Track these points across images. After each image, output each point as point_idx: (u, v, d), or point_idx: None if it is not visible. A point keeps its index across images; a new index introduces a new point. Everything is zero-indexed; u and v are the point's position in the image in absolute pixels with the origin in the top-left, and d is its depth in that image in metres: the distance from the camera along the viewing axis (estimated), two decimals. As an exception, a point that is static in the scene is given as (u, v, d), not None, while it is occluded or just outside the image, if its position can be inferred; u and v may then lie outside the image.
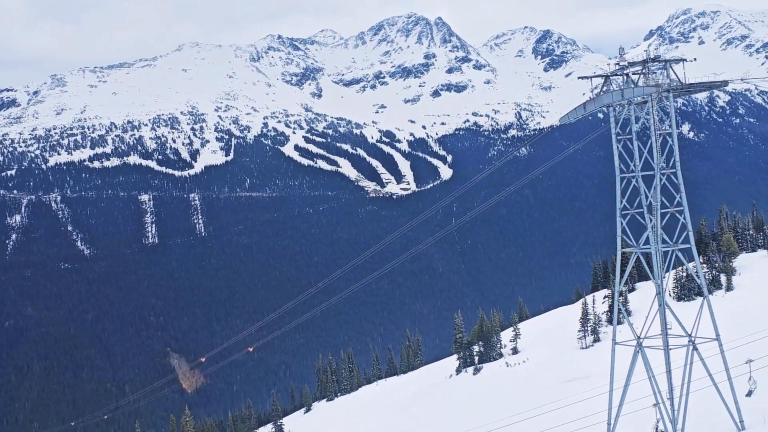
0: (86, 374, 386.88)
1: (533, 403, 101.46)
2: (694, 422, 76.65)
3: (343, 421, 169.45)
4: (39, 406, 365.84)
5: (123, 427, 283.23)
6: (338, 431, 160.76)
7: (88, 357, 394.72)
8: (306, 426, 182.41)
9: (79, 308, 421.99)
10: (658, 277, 76.89)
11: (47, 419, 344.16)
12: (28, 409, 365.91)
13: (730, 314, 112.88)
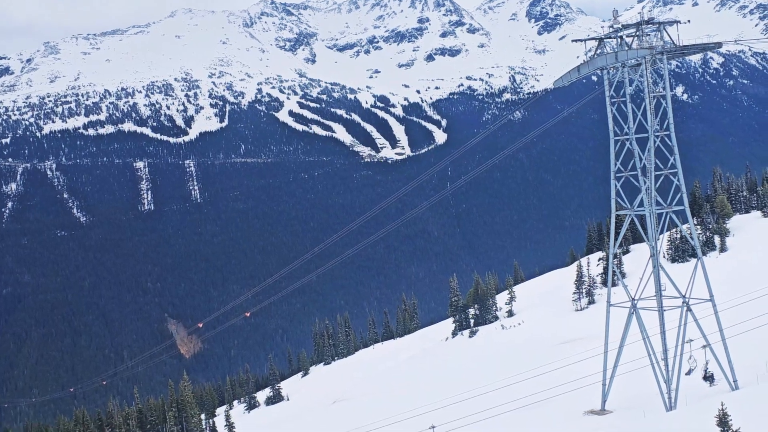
0: (84, 340, 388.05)
1: (528, 365, 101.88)
2: (689, 382, 77.05)
3: (340, 384, 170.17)
4: (38, 372, 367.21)
5: (122, 393, 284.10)
6: (335, 394, 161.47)
7: (85, 323, 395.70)
8: (304, 390, 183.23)
9: (76, 275, 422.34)
10: (653, 238, 77.01)
11: (46, 385, 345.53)
12: (27, 376, 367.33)
13: (724, 275, 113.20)
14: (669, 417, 73.25)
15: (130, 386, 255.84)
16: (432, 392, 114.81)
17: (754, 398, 66.65)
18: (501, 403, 77.48)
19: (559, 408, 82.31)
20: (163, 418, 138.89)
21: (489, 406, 75.38)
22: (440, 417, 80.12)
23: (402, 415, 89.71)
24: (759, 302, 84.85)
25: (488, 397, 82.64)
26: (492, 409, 73.46)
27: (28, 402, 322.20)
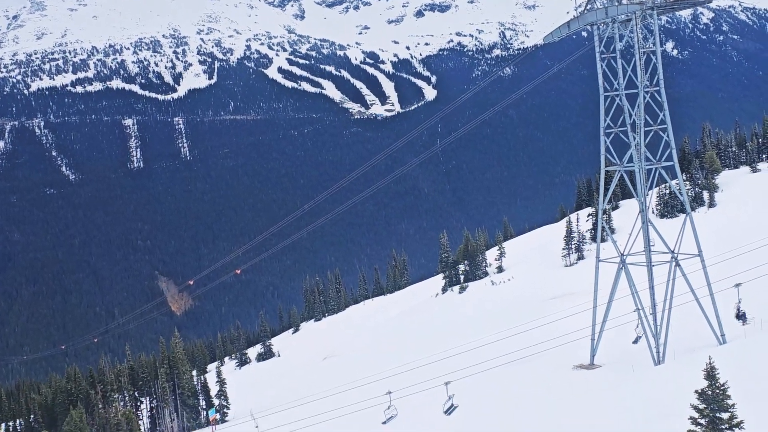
0: (75, 298, 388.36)
1: (518, 320, 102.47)
2: (676, 336, 77.59)
3: (331, 340, 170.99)
4: (29, 330, 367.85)
5: (113, 350, 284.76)
6: (326, 350, 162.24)
7: (76, 281, 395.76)
8: (295, 346, 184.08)
9: (66, 233, 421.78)
10: (642, 194, 77.15)
11: (37, 343, 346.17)
12: (18, 334, 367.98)
13: (713, 230, 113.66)
14: (657, 371, 73.88)
15: (122, 343, 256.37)
16: (422, 348, 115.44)
17: (742, 352, 67.27)
18: (491, 357, 78.04)
19: (549, 363, 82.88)
20: (154, 375, 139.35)
21: (479, 360, 75.91)
22: (430, 372, 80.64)
23: (392, 371, 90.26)
24: (747, 257, 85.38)
25: (478, 352, 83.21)
26: (481, 364, 73.98)
27: (19, 359, 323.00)
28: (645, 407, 61.73)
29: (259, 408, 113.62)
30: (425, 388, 76.52)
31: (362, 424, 70.80)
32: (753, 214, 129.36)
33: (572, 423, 65.92)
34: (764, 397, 51.88)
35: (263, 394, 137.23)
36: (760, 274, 78.10)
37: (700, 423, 25.20)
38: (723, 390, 25.11)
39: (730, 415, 25.05)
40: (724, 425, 25.04)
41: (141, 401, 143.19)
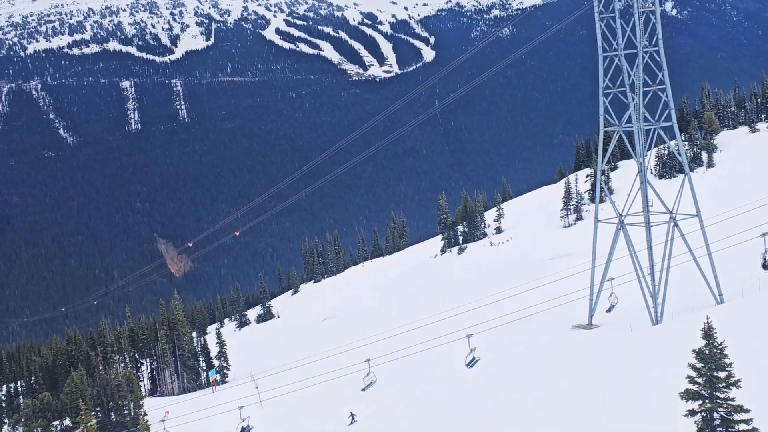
0: (74, 261, 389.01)
1: (517, 280, 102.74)
2: (675, 297, 77.80)
3: (330, 301, 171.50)
4: (28, 292, 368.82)
5: (113, 312, 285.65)
6: (325, 312, 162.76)
7: (75, 244, 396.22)
8: (294, 307, 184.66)
9: (65, 196, 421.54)
10: (640, 155, 77.04)
11: (37, 305, 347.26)
12: (18, 296, 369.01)
13: (711, 191, 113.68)
14: (655, 331, 74.14)
15: (122, 305, 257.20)
16: (421, 309, 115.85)
17: (739, 311, 67.45)
18: (489, 318, 78.32)
19: (547, 323, 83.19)
20: (154, 337, 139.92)
21: (478, 321, 76.15)
22: (429, 333, 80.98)
23: (391, 332, 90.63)
24: (745, 217, 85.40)
25: (477, 313, 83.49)
26: (480, 325, 74.24)
27: (19, 322, 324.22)
28: (643, 367, 61.99)
29: (259, 369, 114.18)
30: (424, 349, 76.88)
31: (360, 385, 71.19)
32: (752, 174, 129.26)
33: (571, 383, 66.24)
34: (762, 357, 52.12)
35: (263, 356, 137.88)
36: (759, 233, 78.12)
37: (697, 382, 25.30)
38: (720, 349, 25.21)
39: (727, 374, 25.15)
40: (721, 384, 25.15)
41: (141, 363, 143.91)
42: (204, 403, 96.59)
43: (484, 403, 69.39)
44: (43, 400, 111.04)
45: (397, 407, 77.08)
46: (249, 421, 65.55)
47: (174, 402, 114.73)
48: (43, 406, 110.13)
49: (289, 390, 66.31)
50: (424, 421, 69.03)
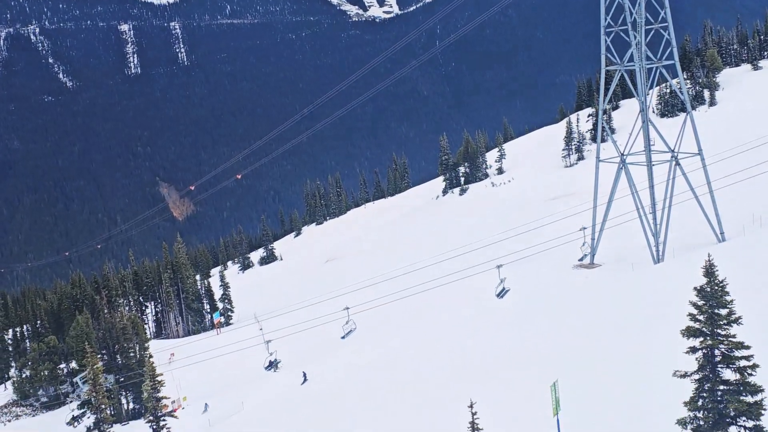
0: (77, 205, 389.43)
1: (519, 221, 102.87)
2: (676, 235, 77.95)
3: (333, 243, 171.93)
4: (32, 237, 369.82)
5: (116, 256, 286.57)
6: (328, 253, 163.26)
7: (77, 188, 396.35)
8: (297, 249, 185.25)
9: (66, 140, 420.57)
10: (642, 93, 76.68)
11: (41, 250, 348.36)
12: (21, 241, 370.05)
13: (713, 129, 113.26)
14: (656, 269, 74.36)
15: (125, 249, 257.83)
16: (423, 249, 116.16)
17: (740, 249, 67.59)
18: (491, 258, 78.46)
19: (549, 262, 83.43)
20: (158, 280, 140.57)
21: (479, 261, 76.38)
22: (431, 273, 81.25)
23: (395, 272, 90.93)
24: (747, 155, 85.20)
25: (479, 253, 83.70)
26: (482, 265, 74.42)
27: (23, 267, 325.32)
28: (644, 305, 62.27)
29: (263, 311, 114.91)
30: (428, 288, 77.19)
31: (362, 325, 71.58)
32: (754, 112, 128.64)
33: (574, 320, 66.61)
34: (763, 294, 52.33)
35: (266, 298, 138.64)
36: (761, 171, 78.05)
37: (698, 319, 25.38)
38: (722, 287, 25.23)
39: (728, 311, 25.22)
40: (722, 321, 25.24)
41: (146, 306, 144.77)
42: (208, 345, 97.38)
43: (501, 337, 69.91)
44: (49, 343, 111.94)
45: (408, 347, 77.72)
46: (276, 354, 65.48)
47: (179, 344, 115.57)
48: (50, 349, 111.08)
49: (292, 331, 66.84)
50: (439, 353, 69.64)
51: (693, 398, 26.06)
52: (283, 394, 77.14)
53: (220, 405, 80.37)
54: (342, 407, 67.78)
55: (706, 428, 25.92)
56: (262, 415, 73.79)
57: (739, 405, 25.42)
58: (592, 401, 48.42)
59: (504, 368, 61.89)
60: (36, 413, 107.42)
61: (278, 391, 78.68)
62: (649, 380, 45.28)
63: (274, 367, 66.58)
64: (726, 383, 25.70)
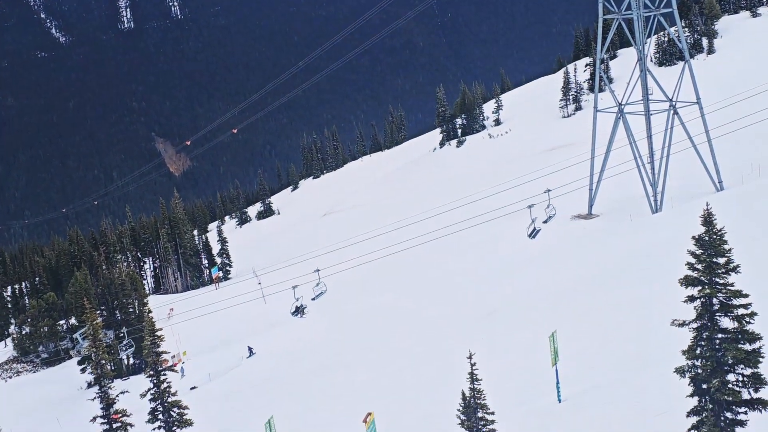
0: (73, 162, 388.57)
1: (516, 172, 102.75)
2: (674, 184, 77.98)
3: (330, 197, 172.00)
4: (28, 194, 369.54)
5: (114, 212, 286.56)
6: (326, 207, 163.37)
7: (73, 144, 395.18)
8: (294, 203, 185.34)
9: (60, 97, 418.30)
10: (640, 42, 76.29)
11: (38, 207, 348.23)
12: (18, 198, 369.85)
13: (711, 77, 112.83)
14: (654, 219, 74.53)
15: (122, 205, 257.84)
16: (421, 202, 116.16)
17: (739, 198, 67.68)
18: (489, 209, 78.49)
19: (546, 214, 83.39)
20: (156, 236, 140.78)
21: (477, 213, 76.43)
22: (430, 225, 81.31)
23: (392, 225, 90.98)
24: (746, 104, 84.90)
25: (476, 205, 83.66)
26: (480, 216, 74.50)
27: (21, 224, 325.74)
28: (642, 254, 62.46)
29: (261, 265, 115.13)
30: (425, 241, 77.32)
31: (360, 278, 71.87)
32: (753, 60, 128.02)
33: (572, 270, 66.86)
34: (761, 242, 52.47)
35: (264, 252, 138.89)
36: (759, 119, 77.83)
37: (696, 268, 25.43)
38: (720, 236, 25.25)
39: (726, 260, 25.26)
40: (720, 270, 25.28)
41: (144, 261, 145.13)
42: (207, 300, 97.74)
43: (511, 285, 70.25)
44: (48, 300, 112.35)
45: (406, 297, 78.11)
46: (303, 300, 65.09)
47: (178, 299, 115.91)
48: (49, 306, 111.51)
49: (290, 285, 66.89)
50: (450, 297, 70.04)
51: (691, 347, 26.19)
52: (283, 347, 77.62)
53: (220, 359, 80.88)
54: (340, 357, 68.23)
55: (704, 376, 26.09)
56: (262, 368, 74.29)
57: (737, 353, 25.58)
58: (590, 350, 48.75)
59: (502, 318, 62.25)
60: (36, 369, 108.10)
61: (278, 344, 79.17)
62: (648, 329, 45.54)
63: (301, 313, 65.76)
64: (724, 332, 25.82)
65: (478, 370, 29.04)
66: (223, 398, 68.57)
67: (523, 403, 45.08)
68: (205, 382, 75.78)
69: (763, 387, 26.11)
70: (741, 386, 26.13)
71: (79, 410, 71.70)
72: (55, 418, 75.39)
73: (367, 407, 47.13)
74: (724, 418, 26.23)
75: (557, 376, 43.55)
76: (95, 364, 32.61)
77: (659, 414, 35.26)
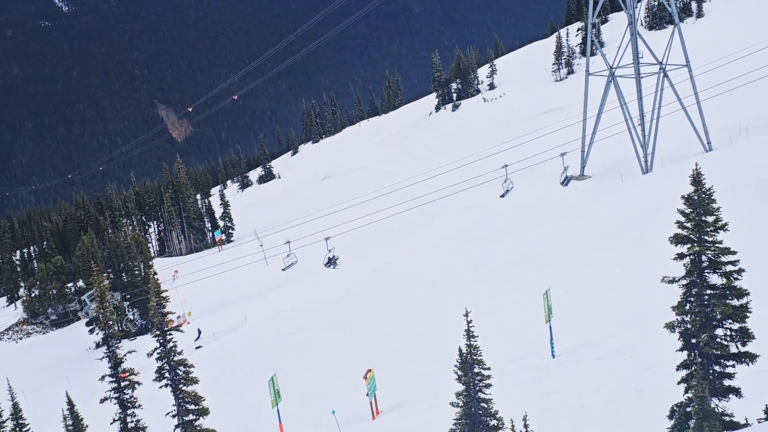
0: (77, 129, 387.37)
1: (510, 135, 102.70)
2: (664, 146, 77.96)
3: (329, 161, 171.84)
4: (35, 161, 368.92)
5: (118, 177, 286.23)
6: (325, 171, 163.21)
7: (77, 112, 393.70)
8: (294, 167, 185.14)
9: (64, 65, 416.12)
10: (631, 7, 75.98)
11: (44, 173, 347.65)
12: (24, 164, 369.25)
13: (701, 40, 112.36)
14: (645, 179, 74.57)
15: (126, 171, 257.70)
16: (418, 165, 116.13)
17: (727, 158, 67.65)
18: (485, 172, 78.44)
19: (541, 175, 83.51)
20: (160, 200, 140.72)
21: (473, 175, 76.40)
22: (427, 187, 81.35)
23: (389, 188, 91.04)
24: (734, 66, 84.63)
25: (472, 168, 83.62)
26: (476, 178, 74.49)
27: (28, 190, 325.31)
28: (633, 214, 62.56)
29: (263, 227, 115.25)
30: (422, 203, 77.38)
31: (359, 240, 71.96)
32: (741, 22, 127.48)
33: (566, 229, 66.97)
34: (749, 201, 52.51)
35: (266, 215, 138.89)
36: (747, 81, 77.63)
37: (686, 227, 25.46)
38: (708, 195, 25.23)
39: (715, 218, 25.27)
40: (709, 228, 25.31)
41: (149, 225, 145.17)
42: (211, 262, 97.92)
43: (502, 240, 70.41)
44: (56, 263, 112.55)
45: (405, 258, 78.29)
46: (335, 251, 64.81)
47: (182, 262, 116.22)
48: (57, 269, 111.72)
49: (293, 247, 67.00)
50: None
51: (680, 303, 26.25)
52: (286, 307, 77.90)
53: (224, 319, 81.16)
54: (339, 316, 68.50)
55: (694, 331, 26.19)
56: (265, 327, 74.61)
57: (726, 308, 25.66)
58: (583, 308, 48.94)
59: (499, 275, 62.46)
60: (46, 331, 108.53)
61: (280, 305, 79.46)
62: (638, 287, 45.71)
63: (333, 264, 65.51)
64: (713, 288, 25.87)
65: (474, 327, 29.14)
66: (227, 357, 68.96)
67: (518, 358, 45.36)
68: (210, 341, 76.13)
69: (750, 341, 26.26)
70: (729, 340, 26.27)
71: (88, 370, 72.17)
72: (65, 377, 75.78)
73: (367, 364, 47.44)
74: (712, 371, 26.38)
75: (551, 332, 43.78)
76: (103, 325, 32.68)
77: (650, 368, 35.52)
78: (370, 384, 44.78)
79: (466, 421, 29.82)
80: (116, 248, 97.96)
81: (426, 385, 45.41)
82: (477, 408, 29.70)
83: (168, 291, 58.54)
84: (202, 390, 32.61)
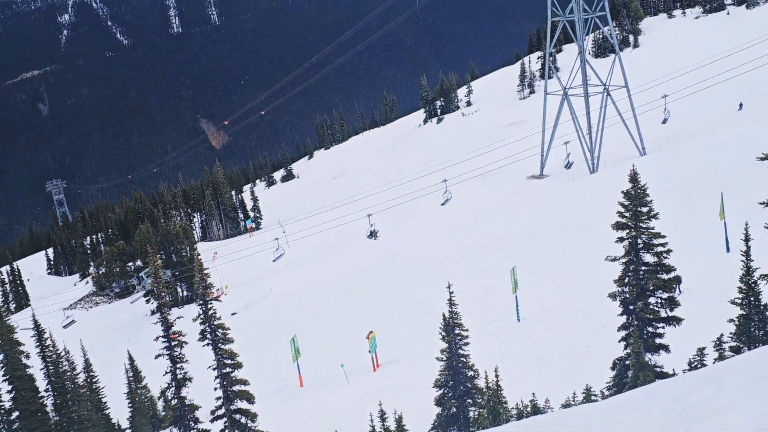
0: (136, 138, 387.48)
1: (484, 142, 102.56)
2: (608, 152, 77.91)
3: (339, 163, 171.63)
4: (102, 164, 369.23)
5: (168, 178, 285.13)
6: (335, 171, 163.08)
7: (136, 125, 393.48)
8: (310, 169, 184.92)
9: (125, 87, 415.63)
10: (580, 39, 75.90)
11: (109, 174, 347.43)
12: (93, 167, 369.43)
13: (637, 66, 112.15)
14: (592, 178, 74.58)
15: (175, 172, 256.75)
16: (410, 166, 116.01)
17: (658, 161, 67.75)
18: (463, 172, 78.47)
19: (508, 175, 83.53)
20: (202, 195, 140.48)
21: (454, 174, 76.39)
22: (419, 184, 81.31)
23: (389, 184, 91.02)
24: (662, 87, 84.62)
25: (453, 168, 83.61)
26: (456, 177, 74.50)
27: (96, 188, 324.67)
28: (583, 206, 62.60)
29: (285, 217, 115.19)
30: (414, 198, 77.29)
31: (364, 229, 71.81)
32: (668, 52, 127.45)
33: (528, 219, 66.96)
34: (675, 194, 52.59)
35: (287, 207, 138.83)
36: (675, 98, 77.80)
37: (625, 216, 25.54)
38: (643, 190, 25.31)
39: (648, 209, 25.33)
40: (644, 216, 25.38)
41: (193, 216, 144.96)
42: (244, 245, 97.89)
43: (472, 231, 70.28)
44: (119, 247, 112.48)
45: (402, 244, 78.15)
46: (376, 226, 63.11)
47: (220, 245, 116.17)
48: (119, 251, 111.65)
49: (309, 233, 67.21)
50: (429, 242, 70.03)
51: (621, 277, 26.33)
52: (304, 282, 77.89)
53: (254, 292, 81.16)
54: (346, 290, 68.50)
55: (631, 299, 26.27)
56: (286, 299, 74.62)
57: (657, 281, 25.74)
58: (543, 281, 48.98)
59: (474, 256, 62.44)
60: (111, 301, 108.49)
61: (300, 280, 79.44)
62: (589, 264, 45.75)
63: (374, 236, 63.88)
64: (646, 265, 25.94)
65: (455, 297, 29.18)
66: (257, 321, 68.98)
67: (490, 322, 45.39)
68: (243, 309, 76.14)
69: (676, 307, 26.32)
70: (659, 307, 26.35)
71: (145, 332, 72.17)
72: (126, 338, 75.83)
73: (368, 327, 47.49)
74: (646, 331, 26.44)
75: (516, 301, 43.82)
76: (157, 296, 32.64)
77: (597, 329, 35.58)
78: (372, 343, 44.82)
79: (449, 373, 29.91)
80: (167, 234, 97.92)
81: (416, 343, 45.49)
82: (458, 362, 29.77)
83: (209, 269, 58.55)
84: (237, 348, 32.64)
